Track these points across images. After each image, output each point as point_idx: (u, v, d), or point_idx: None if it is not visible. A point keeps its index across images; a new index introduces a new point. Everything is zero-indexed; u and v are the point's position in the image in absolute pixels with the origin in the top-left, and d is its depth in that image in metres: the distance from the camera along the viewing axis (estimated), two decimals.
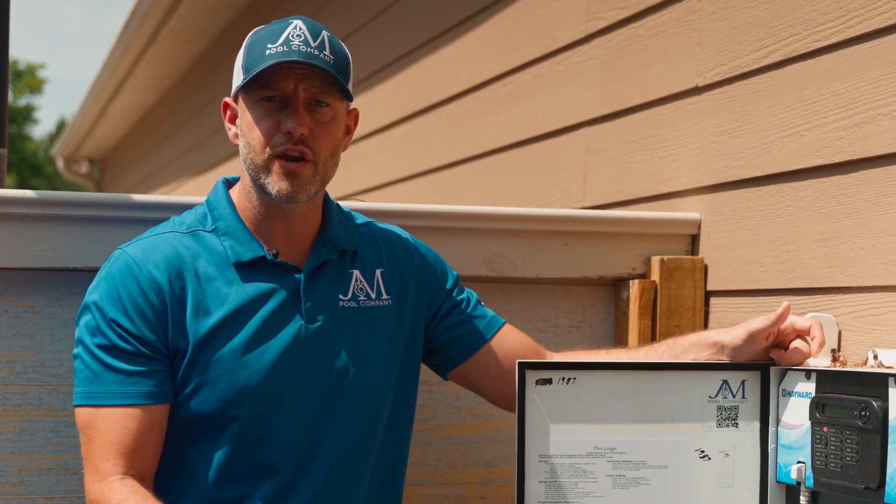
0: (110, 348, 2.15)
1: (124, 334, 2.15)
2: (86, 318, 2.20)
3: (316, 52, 2.17)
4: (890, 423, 2.00)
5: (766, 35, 2.73)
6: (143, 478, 2.15)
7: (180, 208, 2.39)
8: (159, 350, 2.17)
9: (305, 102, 2.19)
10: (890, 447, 2.00)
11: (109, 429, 2.13)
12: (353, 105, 2.30)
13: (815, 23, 2.57)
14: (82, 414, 2.16)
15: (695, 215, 2.95)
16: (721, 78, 2.88)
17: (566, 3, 3.63)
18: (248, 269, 2.23)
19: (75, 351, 2.20)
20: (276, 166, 2.18)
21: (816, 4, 2.58)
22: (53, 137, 26.28)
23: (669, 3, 3.11)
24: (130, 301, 2.17)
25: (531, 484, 2.26)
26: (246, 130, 2.22)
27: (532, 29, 3.84)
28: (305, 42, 2.17)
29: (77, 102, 12.29)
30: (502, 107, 4.03)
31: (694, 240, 2.97)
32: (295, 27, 2.19)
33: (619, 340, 2.92)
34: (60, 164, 14.31)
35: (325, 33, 2.21)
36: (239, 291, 2.21)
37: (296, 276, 2.25)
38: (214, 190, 2.32)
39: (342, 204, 2.44)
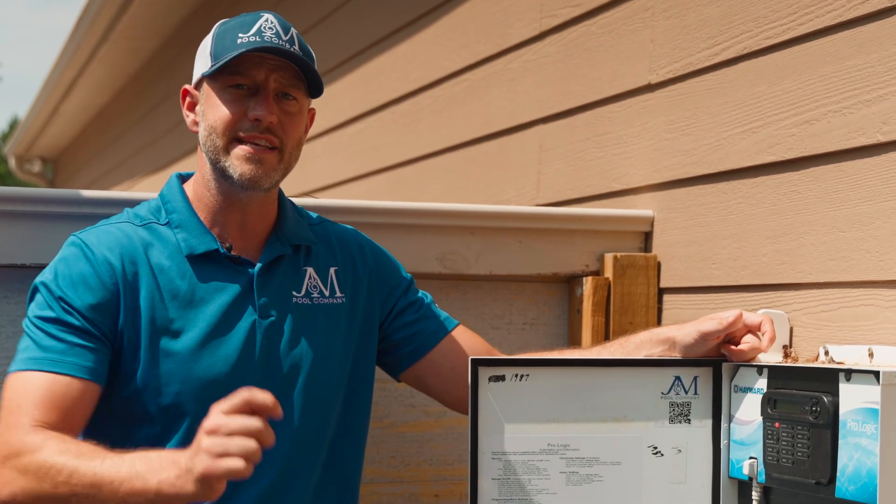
0: (55, 321, 2.11)
1: (70, 309, 2.12)
2: (34, 296, 2.17)
3: (287, 46, 2.20)
4: (840, 419, 2.01)
5: (718, 32, 2.74)
6: None
7: (129, 204, 2.37)
8: (104, 332, 2.14)
9: (274, 93, 2.20)
10: (840, 442, 2.01)
11: (35, 391, 2.05)
12: (312, 103, 2.31)
13: (766, 20, 2.58)
14: (10, 380, 2.08)
15: (648, 212, 2.95)
16: (674, 75, 2.89)
17: (519, 1, 3.63)
18: (201, 261, 2.22)
19: (24, 328, 2.15)
20: (237, 150, 2.18)
21: (768, 2, 2.58)
22: (6, 136, 26.03)
23: (622, 0, 3.11)
24: (82, 281, 2.14)
25: (484, 481, 2.25)
26: (209, 114, 2.21)
27: (485, 27, 3.83)
28: (277, 35, 2.20)
29: (31, 100, 12.14)
30: (456, 105, 4.02)
31: (647, 237, 2.97)
32: (266, 20, 2.22)
33: (573, 338, 2.92)
34: (13, 163, 14.16)
35: (293, 30, 2.25)
36: (192, 284, 2.20)
37: (249, 270, 2.24)
38: (168, 184, 2.31)
39: (295, 201, 2.43)
